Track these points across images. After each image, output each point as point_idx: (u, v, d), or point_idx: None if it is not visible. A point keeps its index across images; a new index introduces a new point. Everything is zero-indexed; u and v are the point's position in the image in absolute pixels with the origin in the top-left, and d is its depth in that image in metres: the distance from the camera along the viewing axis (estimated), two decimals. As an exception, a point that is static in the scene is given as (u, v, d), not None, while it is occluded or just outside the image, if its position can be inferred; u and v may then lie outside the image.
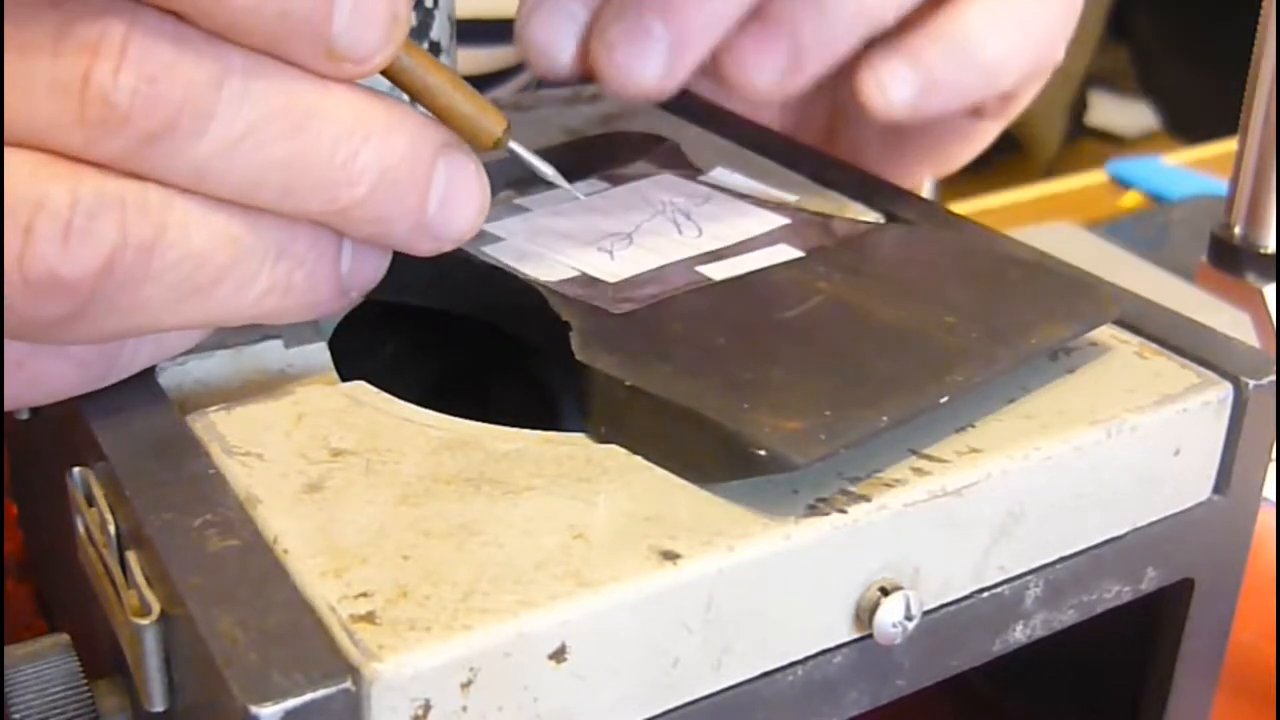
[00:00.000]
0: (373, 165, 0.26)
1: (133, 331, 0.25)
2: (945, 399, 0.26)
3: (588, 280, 0.31)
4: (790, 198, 0.36)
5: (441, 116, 0.28)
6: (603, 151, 0.39)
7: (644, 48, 0.34)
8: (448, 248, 0.28)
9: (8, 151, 0.23)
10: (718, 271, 0.31)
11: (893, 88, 0.36)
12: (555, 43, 0.35)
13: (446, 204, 0.27)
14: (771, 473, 0.25)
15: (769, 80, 0.35)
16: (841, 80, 0.37)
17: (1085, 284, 0.32)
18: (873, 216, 0.36)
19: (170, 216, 0.24)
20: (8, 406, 0.27)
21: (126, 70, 0.23)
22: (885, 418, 0.26)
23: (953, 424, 0.28)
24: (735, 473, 0.25)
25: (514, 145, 0.30)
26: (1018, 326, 0.29)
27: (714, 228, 0.33)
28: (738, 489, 0.25)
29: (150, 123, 0.23)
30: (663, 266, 0.32)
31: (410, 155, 0.26)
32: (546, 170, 0.31)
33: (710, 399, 0.26)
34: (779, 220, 0.34)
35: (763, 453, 0.24)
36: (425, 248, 0.28)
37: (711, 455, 0.25)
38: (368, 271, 0.28)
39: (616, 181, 0.36)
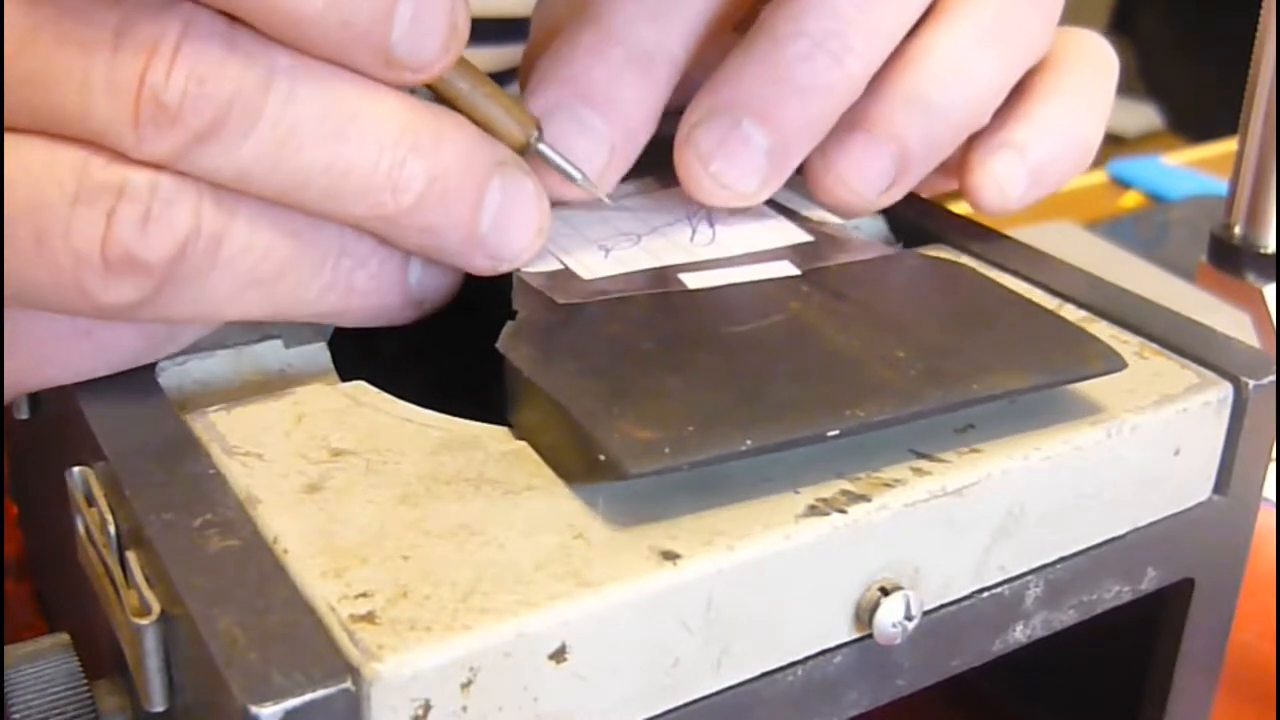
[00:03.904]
0: (420, 174, 0.26)
1: (197, 318, 0.27)
2: (835, 433, 0.25)
3: (564, 274, 0.31)
4: (830, 217, 0.35)
5: (468, 117, 0.28)
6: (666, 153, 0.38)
7: (743, 158, 0.32)
8: (505, 267, 0.29)
9: (84, 147, 0.24)
10: (696, 280, 0.31)
11: (1009, 185, 0.35)
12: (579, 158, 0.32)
13: (502, 220, 0.28)
14: (610, 479, 0.24)
15: (874, 190, 0.34)
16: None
17: (1076, 338, 0.30)
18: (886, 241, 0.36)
19: (239, 209, 0.25)
20: (74, 377, 0.27)
21: (178, 70, 0.24)
22: (749, 442, 0.25)
23: (953, 424, 0.28)
24: (589, 474, 0.25)
25: (543, 147, 0.30)
26: (968, 371, 0.27)
27: (728, 238, 0.33)
28: (738, 489, 0.25)
29: (199, 122, 0.24)
30: (645, 270, 0.31)
31: (460, 168, 0.27)
32: (575, 173, 0.31)
33: (586, 401, 0.25)
34: (799, 237, 0.33)
35: (602, 457, 0.24)
36: (481, 265, 0.28)
37: (573, 455, 0.25)
38: (439, 282, 0.29)
39: (670, 184, 0.36)
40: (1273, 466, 0.32)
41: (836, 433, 0.25)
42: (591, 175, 0.31)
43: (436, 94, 0.28)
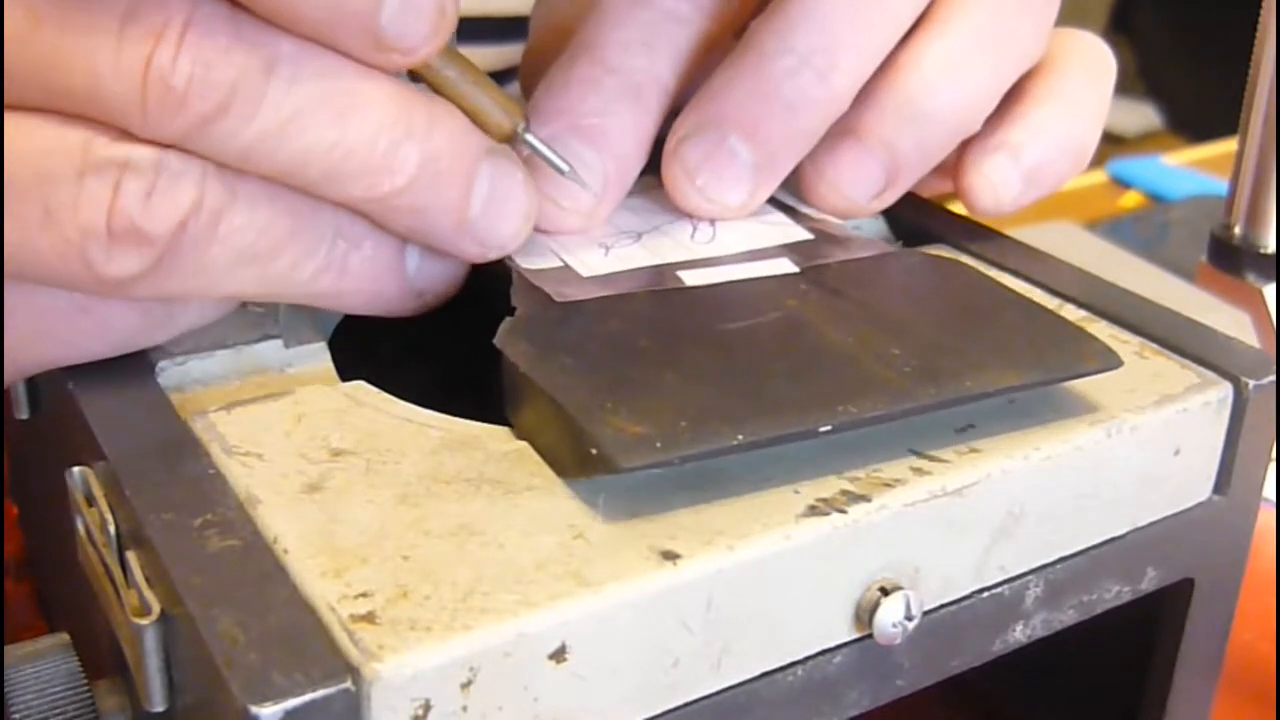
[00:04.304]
0: (413, 157, 0.26)
1: (193, 292, 0.27)
2: (827, 428, 0.25)
3: (563, 271, 0.31)
4: (830, 215, 0.35)
5: (456, 105, 0.28)
6: None
7: (729, 172, 0.32)
8: (494, 254, 0.29)
9: (92, 126, 0.25)
10: (695, 278, 0.31)
11: (1004, 187, 0.35)
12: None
13: (491, 207, 0.28)
14: (602, 473, 0.24)
15: (865, 197, 0.34)
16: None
17: (1072, 336, 0.30)
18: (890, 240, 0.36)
19: (240, 187, 0.26)
20: (72, 357, 0.28)
21: (184, 55, 0.24)
22: (741, 437, 0.25)
23: (952, 423, 0.28)
24: (582, 469, 0.25)
25: (529, 137, 0.30)
26: (962, 368, 0.27)
27: (728, 235, 0.33)
28: (738, 488, 0.25)
29: (205, 105, 0.25)
30: (644, 267, 0.31)
31: (451, 152, 0.27)
32: (563, 164, 0.31)
33: (581, 396, 0.26)
34: (799, 235, 0.33)
35: (594, 451, 0.24)
36: (470, 250, 0.29)
37: (566, 449, 0.26)
38: (437, 272, 0.29)
39: None
40: (1273, 466, 0.32)
41: (829, 428, 0.25)
42: (585, 208, 0.32)
43: (425, 82, 0.28)
